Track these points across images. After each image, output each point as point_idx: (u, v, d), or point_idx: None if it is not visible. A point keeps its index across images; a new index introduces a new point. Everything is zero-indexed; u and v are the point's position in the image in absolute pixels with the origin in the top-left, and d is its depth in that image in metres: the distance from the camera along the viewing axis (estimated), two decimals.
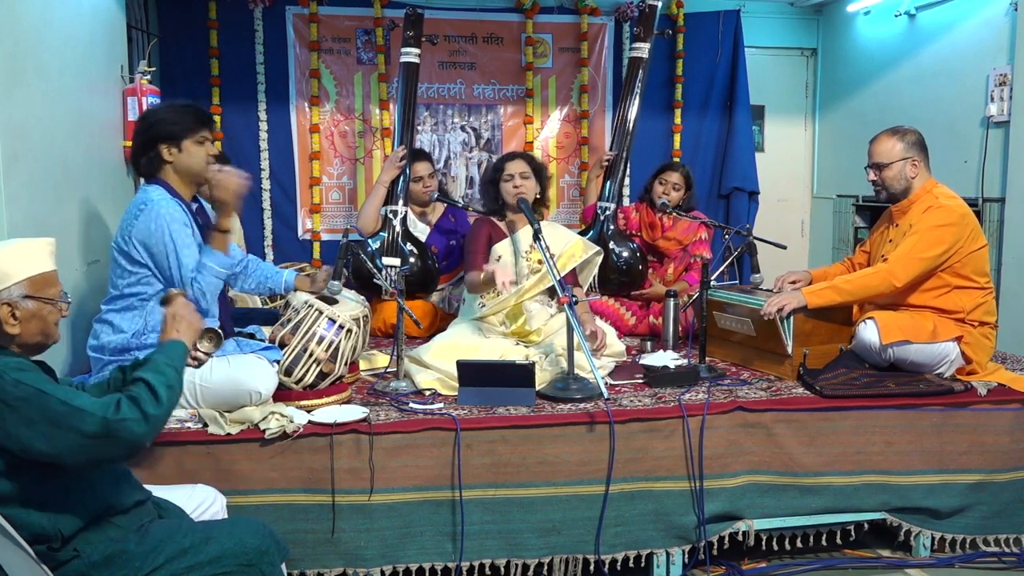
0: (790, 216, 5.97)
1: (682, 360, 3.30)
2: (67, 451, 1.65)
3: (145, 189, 2.61)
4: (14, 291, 1.74)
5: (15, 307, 1.75)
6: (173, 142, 2.59)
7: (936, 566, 2.83)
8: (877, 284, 2.95)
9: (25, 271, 1.77)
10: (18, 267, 1.76)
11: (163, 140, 2.58)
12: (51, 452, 1.64)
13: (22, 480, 1.67)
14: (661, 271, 4.20)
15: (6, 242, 1.83)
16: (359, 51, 4.92)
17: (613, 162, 4.30)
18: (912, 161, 3.05)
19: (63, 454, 1.65)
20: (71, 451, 1.65)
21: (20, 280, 1.76)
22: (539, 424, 2.59)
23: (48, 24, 2.88)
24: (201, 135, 2.62)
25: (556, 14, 5.09)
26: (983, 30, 4.42)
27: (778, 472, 2.76)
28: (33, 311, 1.77)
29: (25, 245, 1.82)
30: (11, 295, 1.74)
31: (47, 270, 1.82)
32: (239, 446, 2.45)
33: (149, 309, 2.56)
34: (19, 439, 1.63)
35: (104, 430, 1.65)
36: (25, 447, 1.64)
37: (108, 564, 1.75)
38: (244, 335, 2.81)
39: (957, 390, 2.89)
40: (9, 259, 1.76)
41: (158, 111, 2.67)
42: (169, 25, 4.64)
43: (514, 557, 2.60)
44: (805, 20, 5.76)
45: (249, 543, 1.88)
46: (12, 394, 1.64)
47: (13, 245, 1.81)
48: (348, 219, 4.87)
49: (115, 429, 1.66)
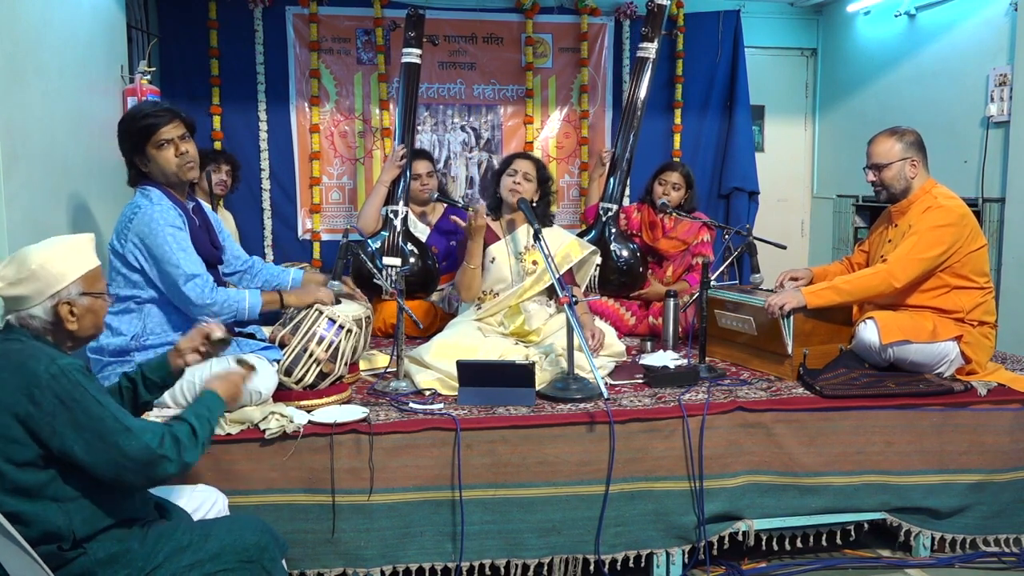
0: (790, 216, 5.97)
1: (682, 360, 3.30)
2: (102, 464, 1.69)
3: (140, 192, 2.59)
4: (72, 289, 1.81)
5: (73, 304, 1.81)
6: (139, 154, 2.55)
7: (936, 566, 2.83)
8: (877, 284, 2.95)
9: (79, 269, 1.83)
10: (72, 266, 1.82)
11: (131, 152, 2.56)
12: (86, 460, 1.69)
13: (51, 475, 1.70)
14: (660, 272, 4.19)
15: (50, 242, 1.86)
16: (359, 51, 4.92)
17: (616, 162, 4.29)
18: (911, 161, 3.05)
19: (96, 465, 1.69)
20: (105, 465, 1.70)
21: (76, 279, 1.81)
22: (539, 424, 2.59)
23: (48, 24, 2.88)
24: (156, 140, 2.52)
25: (556, 14, 5.09)
26: (983, 30, 4.42)
27: (778, 472, 2.76)
28: (88, 306, 1.83)
29: (72, 243, 1.87)
30: (69, 294, 1.80)
31: (96, 265, 1.88)
32: (239, 446, 2.45)
33: (146, 312, 2.56)
34: (62, 439, 1.67)
35: (145, 457, 1.71)
36: (64, 449, 1.67)
37: (112, 562, 1.76)
38: (244, 335, 2.81)
39: (957, 390, 2.89)
40: (62, 259, 1.81)
41: (120, 124, 2.58)
42: (169, 25, 4.65)
43: (514, 557, 2.60)
44: (805, 20, 5.77)
45: (248, 539, 1.89)
46: (71, 395, 1.68)
47: (61, 244, 1.85)
48: (348, 219, 4.87)
49: (153, 462, 1.73)
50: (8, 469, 1.67)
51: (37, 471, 1.68)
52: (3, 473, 1.67)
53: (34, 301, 1.77)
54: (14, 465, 1.67)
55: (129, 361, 2.50)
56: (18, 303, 1.77)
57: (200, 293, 2.51)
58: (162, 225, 2.48)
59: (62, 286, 1.79)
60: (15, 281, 1.76)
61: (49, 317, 1.79)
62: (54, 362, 1.69)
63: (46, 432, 1.66)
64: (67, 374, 1.69)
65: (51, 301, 1.78)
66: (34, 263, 1.77)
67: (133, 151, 2.56)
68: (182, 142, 2.57)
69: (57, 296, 1.79)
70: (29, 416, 1.66)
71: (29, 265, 1.76)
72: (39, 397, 1.65)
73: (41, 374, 1.67)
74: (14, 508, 1.67)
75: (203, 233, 2.68)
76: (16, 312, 1.78)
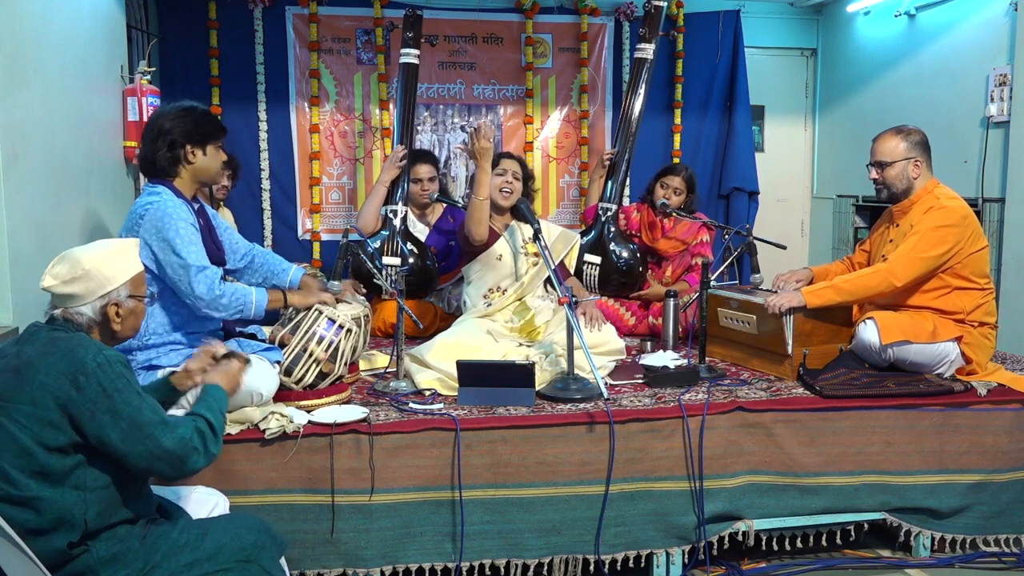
0: (790, 216, 5.97)
1: (682, 360, 3.30)
2: (136, 454, 1.74)
3: (150, 190, 2.59)
4: (121, 291, 1.88)
5: (120, 306, 1.88)
6: (200, 144, 2.61)
7: (936, 566, 2.83)
8: (877, 284, 2.95)
9: (128, 272, 1.90)
10: (121, 269, 1.89)
11: (191, 141, 2.59)
12: (120, 448, 1.73)
13: (77, 461, 1.73)
14: (659, 273, 4.19)
15: (102, 244, 1.93)
16: (359, 51, 4.92)
17: (615, 162, 4.30)
18: (915, 161, 3.04)
19: (131, 455, 1.74)
20: (139, 456, 1.74)
21: (125, 281, 1.89)
22: (539, 424, 2.59)
23: (48, 24, 2.88)
24: (221, 141, 2.69)
25: (556, 14, 5.09)
26: (983, 30, 4.42)
27: (778, 472, 2.76)
28: (131, 308, 1.91)
29: (122, 246, 1.95)
30: (118, 296, 1.88)
31: (141, 269, 1.95)
32: (239, 446, 2.45)
33: (150, 310, 2.55)
34: (100, 425, 1.71)
35: (180, 451, 1.77)
36: (101, 436, 1.72)
37: (113, 561, 1.77)
38: (245, 335, 2.81)
39: (957, 390, 2.89)
40: (113, 261, 1.88)
41: (181, 113, 2.62)
42: (169, 25, 4.65)
43: (514, 557, 2.60)
44: (805, 20, 5.77)
45: (246, 539, 1.90)
46: (115, 385, 1.73)
47: (112, 247, 1.93)
48: (348, 219, 4.87)
49: (186, 455, 1.78)
50: (38, 451, 1.70)
51: (64, 457, 1.72)
52: (33, 455, 1.70)
53: (85, 300, 1.84)
54: (44, 448, 1.70)
55: (131, 359, 2.50)
56: (68, 300, 1.84)
57: (210, 285, 2.51)
58: (175, 219, 2.50)
59: (113, 287, 1.87)
60: (69, 280, 1.82)
61: (97, 316, 1.86)
62: (101, 352, 1.75)
63: (85, 417, 1.71)
64: (112, 364, 1.75)
65: (101, 301, 1.86)
66: (88, 263, 1.84)
67: (196, 139, 2.60)
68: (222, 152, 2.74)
69: (107, 297, 1.86)
70: (70, 400, 1.70)
71: (83, 265, 1.83)
72: (83, 383, 1.71)
73: (88, 362, 1.72)
74: (35, 492, 1.70)
75: (207, 234, 2.69)
76: (64, 308, 1.84)
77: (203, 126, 2.63)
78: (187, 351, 2.55)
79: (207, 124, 2.64)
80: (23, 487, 1.69)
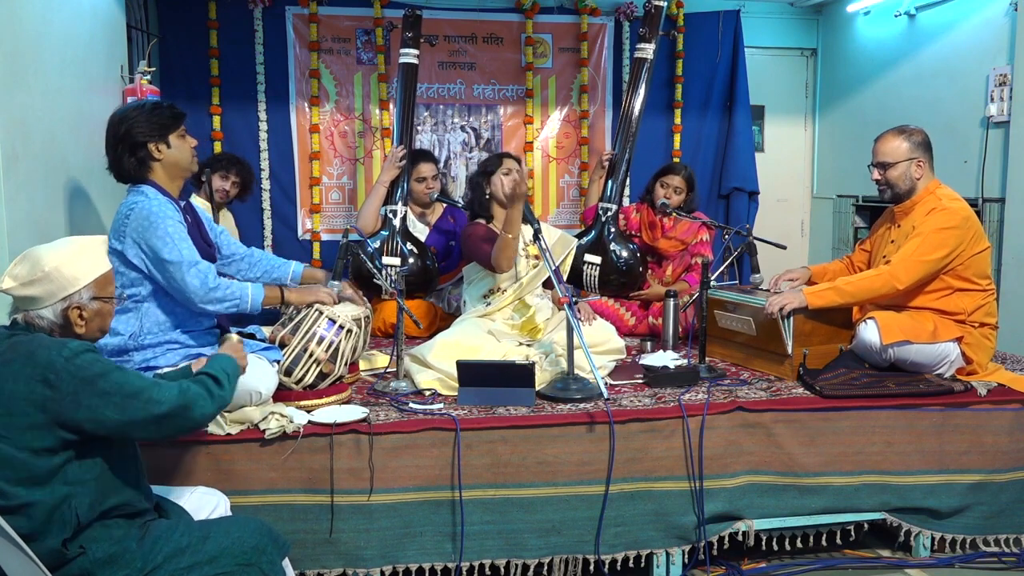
0: (790, 216, 5.97)
1: (682, 360, 3.30)
2: (139, 422, 1.73)
3: (135, 190, 2.56)
4: (84, 294, 1.81)
5: (83, 309, 1.81)
6: (161, 139, 2.54)
7: (936, 566, 2.83)
8: (879, 286, 2.95)
9: (92, 273, 1.82)
10: (86, 269, 1.81)
11: (151, 138, 2.52)
12: (122, 420, 1.71)
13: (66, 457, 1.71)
14: (659, 272, 4.19)
15: (64, 242, 1.85)
16: (359, 51, 4.92)
17: (615, 162, 4.30)
18: (917, 162, 3.04)
19: (133, 424, 1.72)
20: (143, 423, 1.73)
21: (89, 283, 1.81)
22: (539, 424, 2.59)
23: (48, 24, 2.88)
24: (182, 129, 2.59)
25: (556, 14, 5.09)
26: (983, 30, 4.42)
27: (778, 472, 2.76)
28: (97, 310, 1.84)
29: (86, 245, 1.86)
30: (81, 298, 1.80)
31: (108, 269, 1.87)
32: (239, 446, 2.45)
33: (144, 311, 2.54)
34: (92, 410, 1.68)
35: (180, 401, 1.76)
36: (97, 418, 1.69)
37: (111, 563, 1.76)
38: (244, 335, 2.81)
39: (957, 390, 2.89)
40: (76, 262, 1.80)
41: (131, 113, 2.55)
42: (169, 25, 4.65)
43: (514, 557, 2.60)
44: (805, 20, 5.77)
45: (247, 542, 1.88)
46: (91, 371, 1.70)
47: (75, 246, 1.84)
48: (348, 219, 4.87)
49: (189, 401, 1.77)
50: (23, 457, 1.67)
51: (53, 456, 1.70)
52: (17, 463, 1.67)
53: (45, 303, 1.77)
54: (31, 451, 1.68)
55: (128, 360, 2.50)
56: (28, 303, 1.77)
57: (204, 280, 2.49)
58: (161, 218, 2.47)
59: (74, 290, 1.79)
60: (28, 281, 1.75)
61: (59, 320, 1.79)
62: (65, 346, 1.71)
63: (70, 410, 1.67)
64: (79, 355, 1.71)
65: (62, 304, 1.78)
66: (48, 265, 1.76)
67: (148, 141, 2.52)
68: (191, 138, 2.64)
69: (68, 300, 1.79)
70: (47, 400, 1.67)
71: (43, 266, 1.76)
72: (55, 380, 1.67)
73: (55, 359, 1.68)
74: (24, 499, 1.67)
75: (195, 230, 2.67)
76: (24, 311, 1.78)
77: (157, 119, 2.53)
78: (184, 350, 2.55)
79: (161, 116, 2.53)
80: (11, 496, 1.67)
